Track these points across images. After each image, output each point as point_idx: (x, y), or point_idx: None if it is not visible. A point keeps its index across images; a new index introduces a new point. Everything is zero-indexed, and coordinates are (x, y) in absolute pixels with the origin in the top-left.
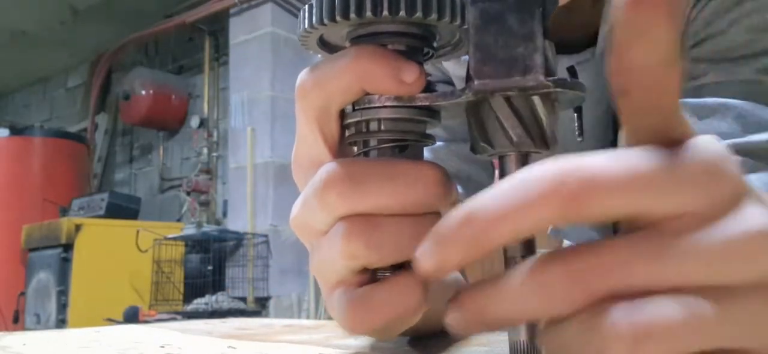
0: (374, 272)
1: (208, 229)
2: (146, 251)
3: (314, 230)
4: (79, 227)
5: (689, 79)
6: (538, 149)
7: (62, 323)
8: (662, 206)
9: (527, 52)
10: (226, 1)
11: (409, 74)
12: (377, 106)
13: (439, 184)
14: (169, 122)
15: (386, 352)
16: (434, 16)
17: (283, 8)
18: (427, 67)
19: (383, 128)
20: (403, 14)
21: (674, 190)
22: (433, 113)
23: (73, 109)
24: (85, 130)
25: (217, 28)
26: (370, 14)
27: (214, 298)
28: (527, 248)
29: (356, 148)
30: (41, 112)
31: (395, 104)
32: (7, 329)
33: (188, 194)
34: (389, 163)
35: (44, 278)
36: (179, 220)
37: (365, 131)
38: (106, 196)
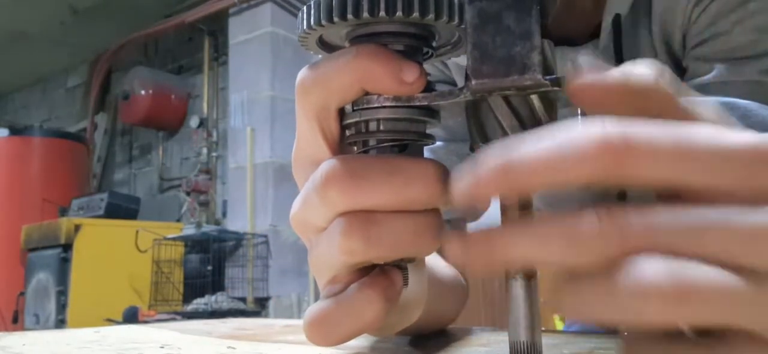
0: (369, 270)
1: (207, 229)
2: (146, 251)
3: (314, 227)
4: (78, 227)
5: (693, 78)
6: None
7: (62, 323)
8: (707, 180)
9: (525, 51)
10: (225, 0)
11: (409, 74)
12: (376, 106)
13: (438, 181)
14: (168, 122)
15: (386, 352)
16: (431, 15)
17: (282, 8)
18: (426, 67)
19: (382, 128)
20: (399, 14)
21: (722, 166)
22: (432, 113)
23: (72, 109)
24: (84, 130)
25: (216, 27)
26: (367, 15)
27: (213, 298)
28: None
29: (356, 148)
30: (41, 112)
31: (394, 104)
32: (6, 329)
33: (188, 194)
34: (390, 159)
35: (44, 278)
36: (179, 220)
37: (365, 131)
38: (105, 196)
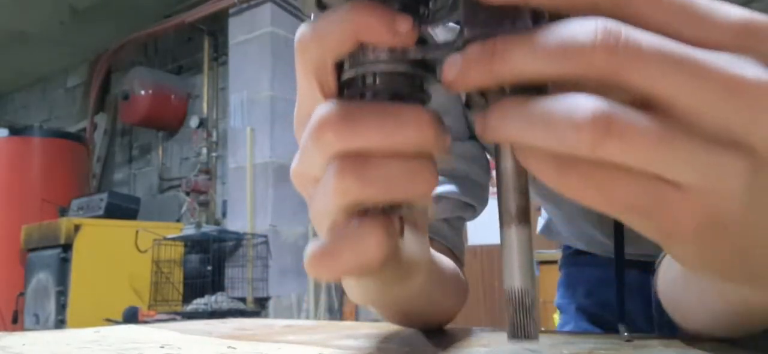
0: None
1: (207, 229)
2: (145, 251)
3: (312, 177)
4: (78, 227)
5: None
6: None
7: (61, 323)
8: (699, 35)
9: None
10: (225, 1)
11: (403, 24)
12: (372, 60)
13: (432, 125)
14: (168, 122)
15: (387, 352)
16: None
17: (282, 8)
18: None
19: (378, 82)
20: None
21: (714, 30)
22: (427, 67)
23: (72, 109)
24: (84, 130)
25: (216, 28)
26: None
27: (213, 298)
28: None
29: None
30: (40, 112)
31: (389, 58)
32: (6, 329)
33: (187, 194)
34: (383, 104)
35: (43, 278)
36: (178, 220)
37: (361, 85)
38: (105, 196)
